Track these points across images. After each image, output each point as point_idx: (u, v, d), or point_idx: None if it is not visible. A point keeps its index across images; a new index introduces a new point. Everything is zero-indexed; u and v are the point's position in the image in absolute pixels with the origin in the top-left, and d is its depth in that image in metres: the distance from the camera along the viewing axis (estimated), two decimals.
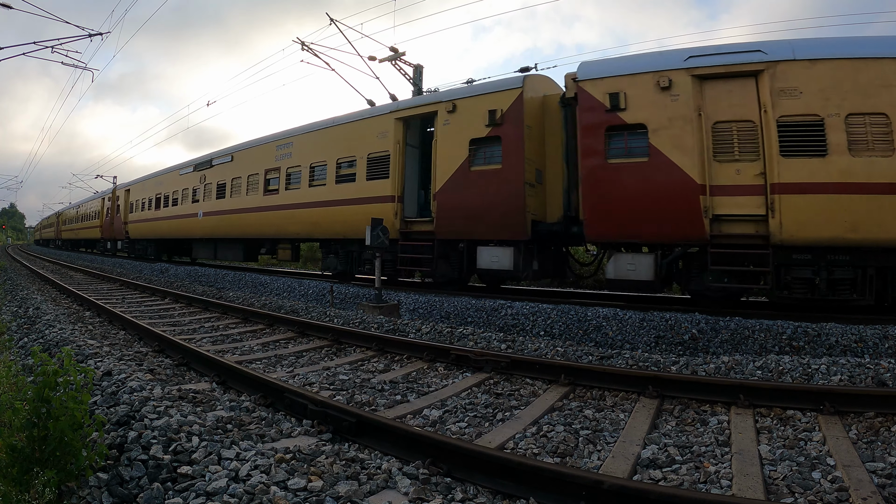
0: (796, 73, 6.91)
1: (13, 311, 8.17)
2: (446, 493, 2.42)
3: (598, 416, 3.64)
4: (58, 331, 6.09)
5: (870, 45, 6.83)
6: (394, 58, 15.53)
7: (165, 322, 7.50)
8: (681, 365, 4.77)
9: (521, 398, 4.10)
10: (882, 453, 2.89)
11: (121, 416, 3.04)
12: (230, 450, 2.66)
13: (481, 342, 6.02)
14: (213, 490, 2.25)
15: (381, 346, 5.65)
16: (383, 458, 2.81)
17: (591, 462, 2.88)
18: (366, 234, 8.97)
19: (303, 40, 14.45)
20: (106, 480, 2.39)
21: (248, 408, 3.56)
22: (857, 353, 5.75)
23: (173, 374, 4.56)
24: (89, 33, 13.65)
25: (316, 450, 2.77)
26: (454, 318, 8.45)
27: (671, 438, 3.20)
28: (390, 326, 6.96)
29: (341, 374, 4.72)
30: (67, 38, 13.58)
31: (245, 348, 5.88)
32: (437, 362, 5.14)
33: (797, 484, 2.51)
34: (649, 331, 6.89)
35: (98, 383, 3.79)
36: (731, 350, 6.28)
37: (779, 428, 3.38)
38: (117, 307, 8.60)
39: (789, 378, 4.33)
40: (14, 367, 4.57)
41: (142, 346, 5.73)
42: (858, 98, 6.62)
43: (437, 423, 3.54)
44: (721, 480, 2.59)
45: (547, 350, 5.54)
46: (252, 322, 7.50)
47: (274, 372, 4.79)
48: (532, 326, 7.66)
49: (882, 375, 4.15)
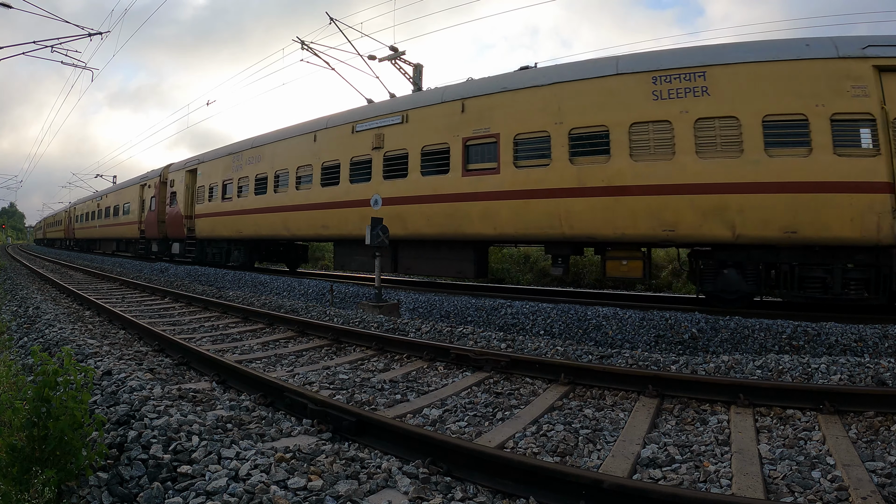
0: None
1: (13, 310, 8.17)
2: (446, 493, 2.42)
3: (598, 416, 3.64)
4: (58, 330, 6.09)
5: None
6: (394, 57, 15.51)
7: (165, 321, 7.50)
8: (681, 364, 4.77)
9: (520, 397, 4.10)
10: (882, 452, 2.89)
11: (121, 416, 3.04)
12: (230, 449, 2.66)
13: (481, 341, 6.01)
14: (213, 489, 2.25)
15: (380, 345, 5.65)
16: (383, 458, 2.82)
17: (591, 461, 2.88)
18: (366, 233, 8.95)
19: (302, 39, 14.43)
20: (106, 480, 2.39)
21: (247, 407, 3.57)
22: (856, 352, 5.75)
23: (173, 374, 4.55)
24: (89, 33, 13.64)
25: (316, 449, 2.77)
26: (454, 318, 8.45)
27: (671, 438, 3.20)
28: (390, 326, 6.96)
29: (341, 373, 4.72)
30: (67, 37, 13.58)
31: (245, 348, 5.88)
32: (437, 361, 5.14)
33: (797, 483, 2.51)
34: (649, 330, 6.89)
35: (98, 383, 3.79)
36: (731, 349, 6.28)
37: (778, 427, 3.38)
38: (117, 306, 8.60)
39: (789, 377, 4.33)
40: (14, 366, 4.57)
41: (142, 345, 5.73)
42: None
43: (436, 423, 3.54)
44: (721, 479, 2.59)
45: (547, 349, 5.54)
46: (252, 321, 7.50)
47: (274, 371, 4.79)
48: (532, 326, 7.66)
49: (882, 375, 4.15)
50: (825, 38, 7.03)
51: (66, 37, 13.66)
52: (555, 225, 8.60)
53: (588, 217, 8.28)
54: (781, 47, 7.15)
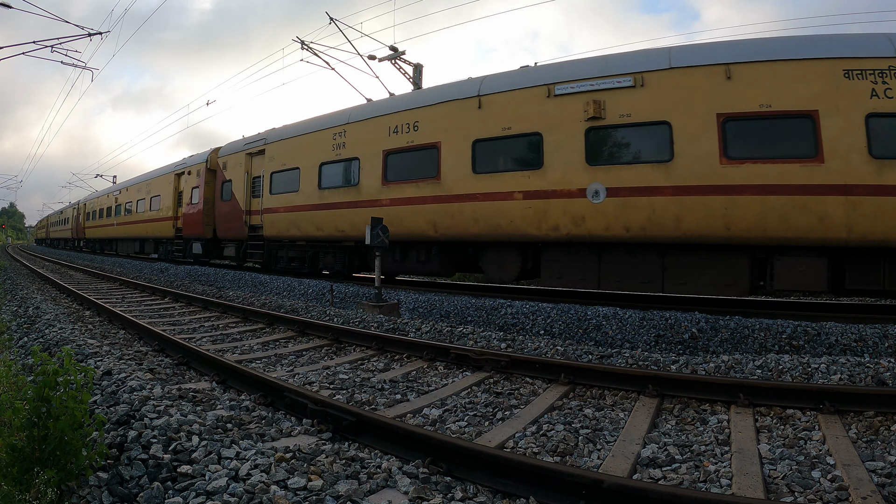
0: None
1: (13, 310, 8.17)
2: (446, 493, 2.42)
3: (598, 415, 3.64)
4: (58, 330, 6.09)
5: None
6: (393, 57, 15.52)
7: (165, 321, 7.50)
8: (680, 364, 4.77)
9: (520, 397, 4.10)
10: (882, 452, 2.89)
11: (121, 416, 3.04)
12: (230, 449, 2.66)
13: (481, 341, 6.01)
14: (213, 489, 2.25)
15: (380, 345, 5.65)
16: (383, 458, 2.82)
17: (591, 461, 2.88)
18: (366, 233, 8.95)
19: (302, 39, 14.44)
20: (106, 480, 2.39)
21: (247, 407, 3.57)
22: (856, 352, 5.75)
23: (173, 374, 4.56)
24: (89, 33, 13.65)
25: (316, 449, 2.77)
26: (454, 318, 8.45)
27: (671, 437, 3.20)
28: (390, 325, 6.96)
29: (341, 373, 4.72)
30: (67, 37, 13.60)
31: (245, 347, 5.88)
32: (437, 361, 5.14)
33: (797, 483, 2.51)
34: (649, 330, 6.89)
35: (98, 383, 3.79)
36: (731, 349, 6.28)
37: (778, 427, 3.38)
38: (117, 306, 8.60)
39: (789, 377, 4.33)
40: (14, 366, 4.57)
41: (142, 345, 5.73)
42: None
43: (436, 423, 3.54)
44: (721, 479, 2.59)
45: (547, 349, 5.54)
46: (252, 321, 7.50)
47: (274, 371, 4.79)
48: (532, 325, 7.66)
49: (882, 374, 4.15)
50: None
51: (66, 37, 13.68)
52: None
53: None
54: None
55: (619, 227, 7.92)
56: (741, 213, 7.10)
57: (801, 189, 6.81)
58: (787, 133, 7.00)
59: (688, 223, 7.45)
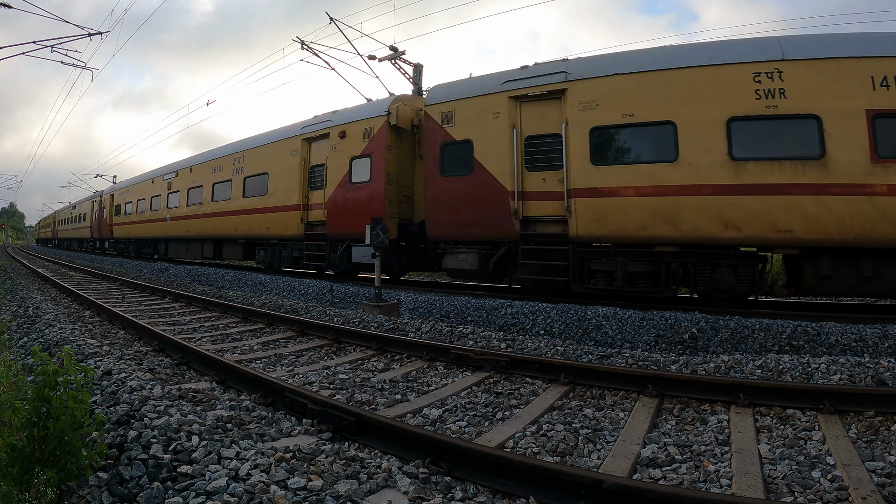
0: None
1: (13, 310, 8.16)
2: (446, 493, 2.42)
3: (598, 415, 3.64)
4: (58, 330, 6.09)
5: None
6: (393, 57, 15.51)
7: (165, 321, 7.50)
8: (680, 364, 4.77)
9: (520, 397, 4.10)
10: (882, 452, 2.89)
11: (121, 416, 3.04)
12: (230, 449, 2.66)
13: (481, 341, 6.01)
14: (213, 489, 2.25)
15: (380, 345, 5.65)
16: (383, 458, 2.81)
17: (591, 461, 2.88)
18: (366, 233, 8.95)
19: (302, 39, 14.44)
20: (106, 480, 2.39)
21: (247, 407, 3.57)
22: (856, 352, 5.75)
23: (173, 374, 4.56)
24: (89, 33, 13.65)
25: (316, 449, 2.77)
26: (454, 318, 8.45)
27: (671, 437, 3.20)
28: (390, 325, 6.96)
29: (341, 373, 4.72)
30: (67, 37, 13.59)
31: (245, 347, 5.88)
32: (437, 361, 5.14)
33: (797, 483, 2.51)
34: (649, 330, 6.88)
35: (98, 383, 3.79)
36: (731, 349, 6.28)
37: (778, 427, 3.38)
38: (117, 306, 8.60)
39: (789, 377, 4.33)
40: (14, 366, 4.57)
41: (142, 345, 5.73)
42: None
43: (436, 423, 3.54)
44: (721, 479, 2.59)
45: (547, 349, 5.54)
46: (252, 321, 7.50)
47: (274, 371, 4.79)
48: (532, 325, 7.66)
49: (882, 374, 4.15)
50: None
51: (67, 37, 13.68)
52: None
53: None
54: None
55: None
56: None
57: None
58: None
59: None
